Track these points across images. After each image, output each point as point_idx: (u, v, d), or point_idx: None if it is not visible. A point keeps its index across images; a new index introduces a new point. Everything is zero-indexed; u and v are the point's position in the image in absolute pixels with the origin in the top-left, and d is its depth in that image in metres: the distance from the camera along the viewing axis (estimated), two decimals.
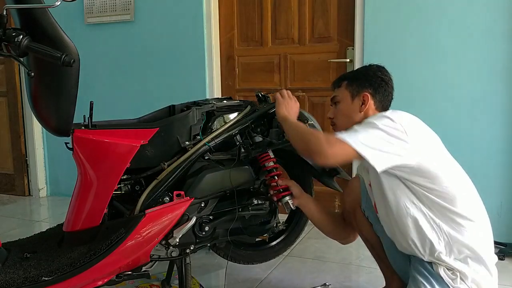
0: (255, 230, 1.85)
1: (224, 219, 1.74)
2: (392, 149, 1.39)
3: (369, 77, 1.62)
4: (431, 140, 1.49)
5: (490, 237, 1.54)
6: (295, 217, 2.12)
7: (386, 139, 1.39)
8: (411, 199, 1.47)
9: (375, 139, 1.39)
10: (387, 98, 1.63)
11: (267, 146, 1.81)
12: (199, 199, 1.67)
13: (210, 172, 1.69)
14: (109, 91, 3.33)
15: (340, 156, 1.41)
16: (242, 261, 2.07)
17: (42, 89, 1.46)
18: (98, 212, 1.56)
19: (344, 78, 1.67)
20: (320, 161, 1.43)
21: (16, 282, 1.38)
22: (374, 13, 2.63)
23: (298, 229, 2.13)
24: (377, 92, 1.60)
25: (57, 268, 1.42)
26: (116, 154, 1.54)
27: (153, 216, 1.53)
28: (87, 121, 1.54)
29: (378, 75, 1.62)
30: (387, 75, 1.64)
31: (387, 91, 1.62)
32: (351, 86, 1.62)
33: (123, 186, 1.64)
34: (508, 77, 2.43)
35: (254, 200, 1.81)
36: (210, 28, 3.04)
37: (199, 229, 1.68)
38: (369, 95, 1.59)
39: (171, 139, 1.67)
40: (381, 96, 1.60)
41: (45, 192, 3.72)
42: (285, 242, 2.12)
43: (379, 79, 1.61)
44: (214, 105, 1.80)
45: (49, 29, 1.33)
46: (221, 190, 1.72)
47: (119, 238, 1.47)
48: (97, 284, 1.49)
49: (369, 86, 1.60)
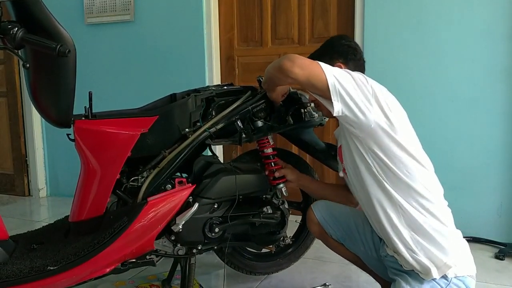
0: (263, 238, 1.84)
1: (235, 223, 1.72)
2: (356, 97, 1.37)
3: (335, 48, 1.60)
4: (397, 114, 1.45)
5: (447, 220, 1.50)
6: (303, 233, 2.09)
7: (354, 87, 1.38)
8: (373, 169, 1.46)
9: (345, 80, 1.38)
10: (359, 63, 1.61)
11: (268, 130, 1.80)
12: (213, 200, 1.67)
13: (226, 175, 1.69)
14: (109, 91, 3.32)
15: (308, 69, 1.39)
16: (245, 270, 2.05)
17: (40, 81, 1.47)
18: (101, 202, 1.57)
19: (314, 56, 1.62)
20: (287, 70, 1.41)
21: (23, 272, 1.40)
22: (374, 13, 2.63)
23: (304, 245, 2.11)
24: (348, 59, 1.58)
25: (62, 258, 1.44)
26: (117, 143, 1.55)
27: (155, 203, 1.54)
28: (87, 112, 1.54)
29: (344, 43, 1.60)
30: (352, 41, 1.63)
31: (357, 56, 1.60)
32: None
33: (125, 176, 1.63)
34: (508, 77, 2.43)
35: (266, 209, 1.80)
36: (210, 28, 3.04)
37: (209, 229, 1.67)
38: (341, 65, 1.57)
39: (171, 126, 1.67)
40: (353, 62, 1.59)
41: (45, 192, 3.72)
42: (290, 257, 2.10)
43: (345, 46, 1.59)
44: (214, 91, 1.78)
45: (43, 21, 1.34)
46: (235, 194, 1.71)
47: (122, 226, 1.49)
48: (104, 271, 1.51)
49: (338, 57, 1.59)
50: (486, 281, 2.07)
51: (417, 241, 1.44)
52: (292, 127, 1.85)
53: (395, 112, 1.44)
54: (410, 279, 1.46)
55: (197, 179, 1.68)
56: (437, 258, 1.43)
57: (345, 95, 1.38)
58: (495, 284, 2.05)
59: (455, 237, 1.50)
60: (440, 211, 1.49)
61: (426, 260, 1.43)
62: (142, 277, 2.05)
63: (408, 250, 1.45)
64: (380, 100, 1.40)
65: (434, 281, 1.42)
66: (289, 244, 2.02)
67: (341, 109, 1.39)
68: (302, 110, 1.86)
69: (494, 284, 2.05)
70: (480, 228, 2.53)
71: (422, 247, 1.44)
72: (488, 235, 2.51)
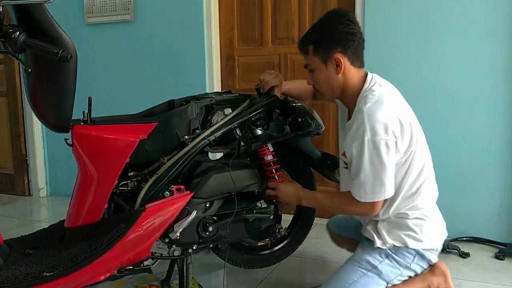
0: (258, 233, 1.84)
1: (228, 220, 1.73)
2: (392, 165, 1.52)
3: (334, 36, 1.56)
4: (412, 128, 1.57)
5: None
6: (298, 223, 2.11)
7: (388, 167, 1.51)
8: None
9: (381, 178, 1.51)
10: (359, 47, 1.59)
11: (267, 139, 1.81)
12: (204, 199, 1.67)
13: (216, 173, 1.69)
14: (109, 91, 3.33)
15: (371, 210, 1.57)
16: (243, 265, 2.06)
17: (40, 85, 1.47)
18: (98, 208, 1.56)
19: (308, 42, 1.61)
20: (370, 215, 1.61)
21: (18, 278, 1.39)
22: (374, 13, 2.63)
23: (300, 235, 2.13)
24: (346, 47, 1.56)
25: (58, 264, 1.43)
26: (116, 149, 1.55)
27: (153, 210, 1.53)
28: (86, 117, 1.53)
29: (342, 30, 1.55)
30: (350, 24, 1.57)
31: (355, 41, 1.57)
32: (318, 52, 1.58)
33: (123, 182, 1.63)
34: (508, 77, 2.43)
35: (259, 203, 1.81)
36: (210, 28, 3.04)
37: (202, 229, 1.67)
38: (340, 55, 1.55)
39: (170, 133, 1.67)
40: (352, 49, 1.56)
41: (45, 192, 3.72)
42: (286, 248, 2.12)
43: (344, 33, 1.55)
44: (213, 98, 1.79)
45: (45, 25, 1.34)
46: (227, 192, 1.72)
47: (120, 233, 1.48)
48: (99, 279, 1.50)
49: (336, 46, 1.55)
50: (486, 281, 2.07)
51: (390, 230, 1.61)
52: (290, 136, 1.86)
53: (411, 141, 1.56)
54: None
55: (187, 179, 1.67)
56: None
57: (390, 179, 1.55)
58: (495, 284, 2.05)
59: (429, 220, 1.64)
60: (425, 197, 1.61)
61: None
62: (141, 277, 2.05)
63: (377, 234, 1.62)
64: (400, 149, 1.53)
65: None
66: (284, 236, 2.05)
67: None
68: (299, 119, 1.88)
69: (494, 284, 2.05)
70: (480, 228, 2.53)
71: (393, 235, 1.61)
72: (488, 235, 2.51)
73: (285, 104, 1.89)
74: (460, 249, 2.36)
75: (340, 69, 1.56)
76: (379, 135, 1.47)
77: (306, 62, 1.64)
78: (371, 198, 1.53)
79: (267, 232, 1.87)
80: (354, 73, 1.59)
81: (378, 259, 1.61)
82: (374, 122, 1.48)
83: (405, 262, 1.60)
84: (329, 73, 1.59)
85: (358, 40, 1.58)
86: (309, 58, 1.62)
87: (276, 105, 1.85)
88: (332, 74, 1.58)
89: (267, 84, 1.85)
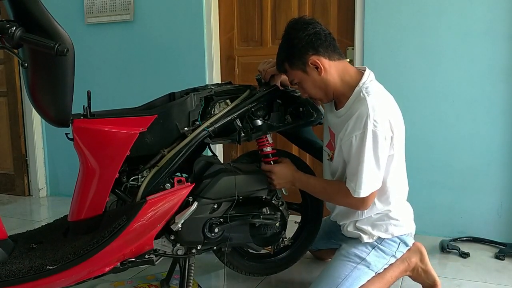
0: (263, 239, 1.83)
1: (234, 223, 1.72)
2: (385, 158, 1.58)
3: (299, 44, 1.58)
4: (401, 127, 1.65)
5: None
6: (303, 234, 2.08)
7: (382, 160, 1.55)
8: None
9: (376, 171, 1.56)
10: (328, 41, 1.60)
11: (267, 129, 1.80)
12: (213, 200, 1.67)
13: (226, 175, 1.69)
14: (109, 91, 3.32)
15: (361, 204, 1.62)
16: (244, 271, 2.04)
17: (38, 80, 1.47)
18: (100, 201, 1.57)
19: (281, 61, 1.66)
20: (358, 208, 1.67)
21: (22, 271, 1.40)
22: (374, 13, 2.63)
23: (304, 246, 2.09)
24: (316, 47, 1.57)
25: (61, 257, 1.44)
26: (116, 142, 1.55)
27: (154, 202, 1.54)
28: (86, 111, 1.54)
29: (302, 36, 1.57)
30: (308, 27, 1.59)
31: (321, 38, 1.58)
32: (294, 65, 1.62)
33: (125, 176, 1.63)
34: (508, 77, 2.43)
35: (266, 209, 1.80)
36: (210, 28, 3.04)
37: (208, 230, 1.67)
38: (314, 57, 1.57)
39: (170, 125, 1.67)
40: (322, 47, 1.58)
41: (45, 192, 3.71)
42: (289, 258, 2.08)
43: (306, 37, 1.57)
44: (213, 90, 1.78)
45: (41, 20, 1.34)
46: (235, 195, 1.71)
47: (122, 225, 1.49)
48: (103, 271, 1.51)
49: (306, 51, 1.58)
50: (486, 281, 2.07)
51: (373, 224, 1.69)
52: (291, 126, 1.85)
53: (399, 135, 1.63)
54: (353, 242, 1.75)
55: (197, 179, 1.68)
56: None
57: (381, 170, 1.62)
58: (495, 284, 2.05)
59: (401, 211, 1.73)
60: (398, 195, 1.71)
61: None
62: (140, 277, 2.05)
63: (361, 231, 1.70)
64: (394, 141, 1.59)
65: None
66: (287, 246, 2.01)
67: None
68: (300, 108, 1.87)
69: (494, 284, 2.05)
70: (480, 228, 2.53)
71: (377, 227, 1.69)
72: (488, 235, 2.51)
73: (286, 93, 1.88)
74: (460, 249, 2.36)
75: (321, 70, 1.58)
76: (382, 127, 1.51)
77: (290, 79, 1.69)
78: (364, 193, 1.56)
79: (272, 239, 1.85)
80: (338, 66, 1.62)
81: (365, 251, 1.68)
82: (378, 113, 1.51)
83: (390, 251, 1.69)
84: (314, 78, 1.61)
85: (324, 36, 1.59)
86: (291, 74, 1.66)
87: (276, 94, 1.84)
88: (317, 78, 1.61)
89: (267, 73, 1.85)
